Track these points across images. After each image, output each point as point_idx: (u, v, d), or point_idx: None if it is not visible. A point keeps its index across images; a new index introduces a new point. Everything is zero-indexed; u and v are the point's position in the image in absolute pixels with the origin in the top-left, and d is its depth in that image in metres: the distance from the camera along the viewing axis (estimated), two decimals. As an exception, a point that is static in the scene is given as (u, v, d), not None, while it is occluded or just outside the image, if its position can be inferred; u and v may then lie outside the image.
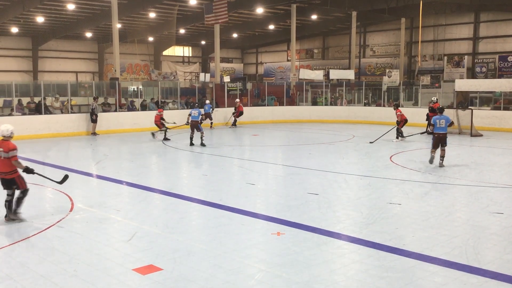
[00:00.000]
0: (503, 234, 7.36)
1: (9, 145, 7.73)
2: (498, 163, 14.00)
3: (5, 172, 7.77)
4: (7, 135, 7.84)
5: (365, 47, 44.72)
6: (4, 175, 7.80)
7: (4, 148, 7.70)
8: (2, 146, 7.73)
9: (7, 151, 7.68)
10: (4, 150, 7.70)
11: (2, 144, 7.76)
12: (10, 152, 7.69)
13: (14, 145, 7.78)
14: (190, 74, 46.98)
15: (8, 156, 7.69)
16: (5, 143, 7.76)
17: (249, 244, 6.92)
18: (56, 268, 6.02)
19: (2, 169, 7.77)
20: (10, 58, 41.02)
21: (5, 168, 7.75)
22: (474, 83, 26.70)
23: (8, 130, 7.87)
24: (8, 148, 7.70)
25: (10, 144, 7.76)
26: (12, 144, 7.77)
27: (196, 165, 14.51)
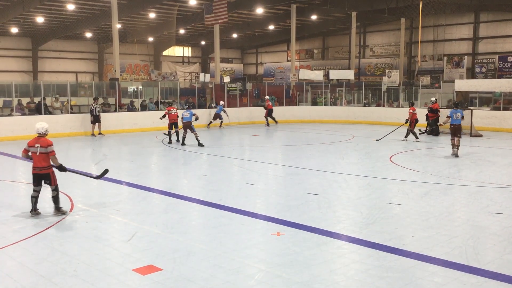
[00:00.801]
0: (503, 234, 7.36)
1: (47, 141, 8.14)
2: (498, 163, 14.00)
3: (41, 167, 8.14)
4: (42, 133, 8.21)
5: (365, 47, 44.75)
6: (40, 170, 8.14)
7: (42, 143, 8.09)
8: (39, 142, 8.11)
9: (45, 146, 8.08)
10: (42, 145, 8.07)
11: (38, 140, 8.14)
12: (49, 147, 8.10)
13: (51, 141, 8.20)
14: (190, 74, 46.99)
15: (46, 151, 8.08)
16: (42, 139, 8.15)
17: (249, 244, 6.92)
18: (56, 268, 6.02)
19: (38, 164, 8.12)
20: (10, 58, 41.05)
21: (42, 163, 8.12)
22: (474, 83, 26.71)
23: (43, 128, 8.25)
24: (47, 143, 8.11)
25: (48, 140, 8.18)
26: (49, 140, 8.20)
27: (196, 165, 14.51)
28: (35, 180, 8.25)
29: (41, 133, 8.23)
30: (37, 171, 8.18)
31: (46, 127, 8.34)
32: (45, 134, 8.26)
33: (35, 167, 8.19)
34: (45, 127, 8.30)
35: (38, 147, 8.09)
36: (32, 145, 8.14)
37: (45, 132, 8.26)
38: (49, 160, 8.19)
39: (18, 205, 9.31)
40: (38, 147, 8.09)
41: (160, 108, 24.71)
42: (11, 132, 19.50)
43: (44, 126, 8.31)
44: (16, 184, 11.37)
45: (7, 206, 9.10)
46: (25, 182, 11.49)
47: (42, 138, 8.19)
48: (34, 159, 8.16)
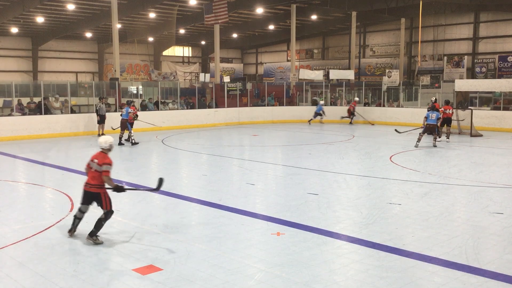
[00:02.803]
0: (503, 234, 7.36)
1: (105, 159, 7.13)
2: (498, 163, 14.00)
3: (93, 184, 7.12)
4: (105, 148, 7.25)
5: (365, 47, 44.76)
6: (90, 187, 7.14)
7: (99, 160, 7.12)
8: (98, 158, 7.17)
9: (100, 164, 7.08)
10: (98, 162, 7.11)
11: (98, 155, 7.20)
12: (103, 166, 7.06)
13: (110, 160, 7.16)
14: (190, 74, 47.00)
15: (100, 170, 7.06)
16: (101, 155, 7.20)
17: (248, 244, 6.92)
18: (56, 268, 6.02)
19: (91, 181, 7.13)
20: (10, 58, 41.04)
21: (93, 180, 7.12)
22: (474, 83, 26.69)
23: (106, 142, 7.26)
24: (103, 161, 7.09)
25: (107, 158, 7.16)
26: (108, 158, 7.17)
27: (196, 165, 14.50)
28: (84, 198, 7.24)
29: (104, 148, 7.24)
30: (87, 188, 7.17)
31: (110, 141, 7.32)
32: (108, 149, 7.26)
33: (86, 183, 7.21)
34: (109, 142, 7.29)
35: (94, 163, 7.14)
36: (92, 159, 7.24)
37: (108, 147, 7.25)
38: (101, 180, 7.11)
39: (18, 205, 9.32)
40: (94, 163, 7.14)
41: (160, 108, 24.72)
42: (11, 132, 19.51)
43: (108, 140, 7.29)
44: (16, 184, 11.37)
45: (7, 206, 9.10)
46: (25, 182, 11.51)
47: (102, 154, 7.20)
48: (88, 174, 7.23)
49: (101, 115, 20.65)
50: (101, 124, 20.72)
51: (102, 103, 20.69)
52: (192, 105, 26.91)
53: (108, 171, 7.05)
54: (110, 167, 7.09)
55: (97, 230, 7.04)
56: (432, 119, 17.30)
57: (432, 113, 17.48)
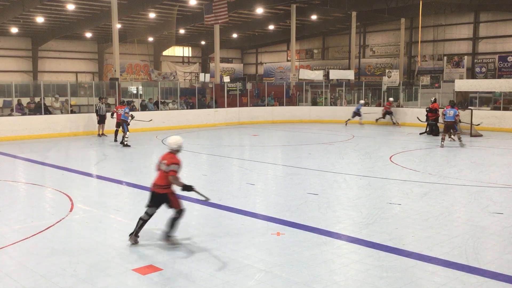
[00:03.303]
0: (502, 234, 7.36)
1: (173, 159, 6.92)
2: (498, 163, 14.00)
3: (160, 185, 6.92)
4: (174, 148, 7.03)
5: (365, 47, 44.76)
6: (157, 188, 6.93)
7: (168, 160, 6.91)
8: (166, 158, 6.96)
9: (168, 164, 6.87)
10: (167, 163, 6.89)
11: (167, 156, 7.00)
12: (171, 166, 6.84)
13: (178, 160, 6.96)
14: (190, 74, 46.99)
15: (167, 170, 6.86)
16: (170, 155, 6.99)
17: (248, 244, 6.92)
18: (56, 268, 6.02)
19: (158, 182, 6.95)
20: (10, 58, 41.03)
21: (160, 181, 6.92)
22: (474, 83, 26.68)
23: (175, 143, 7.05)
24: (171, 161, 6.88)
25: (175, 158, 6.95)
26: (176, 158, 6.96)
27: (196, 165, 14.50)
28: (151, 199, 7.00)
29: (173, 149, 7.02)
30: (154, 188, 6.96)
31: (180, 142, 7.09)
32: (177, 150, 7.04)
33: (153, 184, 7.01)
34: (178, 143, 7.06)
35: (163, 164, 6.93)
36: (160, 161, 7.04)
37: (177, 148, 7.03)
38: (167, 180, 6.89)
39: (18, 205, 9.32)
40: (163, 164, 6.93)
41: (160, 108, 24.73)
42: (11, 132, 19.51)
43: (177, 141, 7.06)
44: (16, 184, 11.37)
45: (7, 206, 9.10)
46: (25, 182, 11.51)
47: (170, 155, 6.99)
48: (158, 174, 7.03)
49: (101, 115, 20.64)
50: (101, 124, 20.73)
51: (102, 103, 20.67)
52: (192, 105, 26.91)
53: (175, 171, 6.86)
54: (178, 167, 6.92)
55: (172, 230, 6.92)
56: (449, 116, 17.13)
57: (449, 110, 17.30)
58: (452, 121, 17.17)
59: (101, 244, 6.91)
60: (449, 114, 17.18)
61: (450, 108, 17.48)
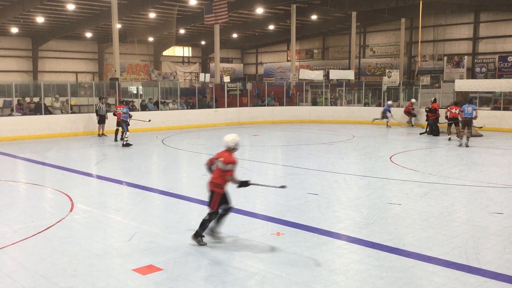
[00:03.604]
0: (502, 234, 7.36)
1: (230, 158, 6.87)
2: (498, 163, 14.00)
3: (216, 183, 6.93)
4: (231, 147, 6.97)
5: (365, 47, 44.76)
6: (213, 186, 6.97)
7: (225, 159, 6.86)
8: (223, 156, 6.91)
9: (226, 163, 6.83)
10: (223, 161, 6.86)
11: (223, 154, 6.95)
12: (228, 165, 6.82)
13: (234, 159, 6.91)
14: (190, 74, 47.00)
15: (224, 169, 6.84)
16: (226, 154, 6.93)
17: (248, 244, 6.92)
18: (56, 268, 6.02)
19: (215, 180, 6.96)
20: (10, 58, 41.04)
21: (218, 180, 6.91)
22: (474, 83, 26.67)
23: (233, 141, 6.98)
24: (229, 161, 6.84)
25: (231, 157, 6.90)
26: (232, 157, 6.90)
27: (196, 165, 14.49)
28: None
29: (230, 147, 6.96)
30: (211, 186, 7.00)
31: (237, 140, 7.02)
32: (234, 148, 6.98)
33: (209, 181, 7.03)
34: (235, 140, 7.00)
35: (220, 161, 6.89)
36: (217, 158, 6.99)
37: (234, 147, 6.97)
38: (224, 179, 6.88)
39: (18, 205, 9.32)
40: (220, 161, 6.89)
41: (160, 108, 24.72)
42: (11, 132, 19.51)
43: (234, 139, 7.00)
44: (16, 184, 11.37)
45: (7, 206, 9.10)
46: (25, 182, 11.51)
47: (227, 153, 6.93)
48: (213, 172, 7.02)
49: (100, 115, 20.64)
50: (101, 124, 20.73)
51: (101, 103, 20.67)
52: (192, 105, 26.90)
53: (231, 171, 6.85)
54: (234, 166, 6.89)
55: (202, 230, 6.92)
56: (468, 112, 17.12)
57: (467, 106, 17.31)
58: (470, 117, 17.11)
59: (101, 244, 6.91)
60: (467, 111, 17.13)
61: (468, 104, 17.50)
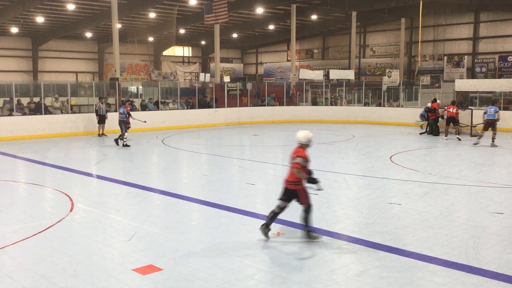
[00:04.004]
0: (503, 234, 7.36)
1: (299, 153, 6.91)
2: (498, 163, 14.00)
3: (290, 181, 6.99)
4: (304, 143, 6.99)
5: (365, 47, 44.77)
6: (288, 184, 7.02)
7: (295, 154, 6.97)
8: (295, 152, 6.98)
9: (295, 156, 6.93)
10: (293, 156, 6.98)
11: (295, 151, 7.01)
12: (297, 159, 6.87)
13: (305, 154, 6.91)
14: (190, 74, 47.01)
15: (293, 163, 6.93)
16: (298, 149, 6.97)
17: (249, 244, 6.92)
18: (56, 268, 6.02)
19: (289, 178, 7.02)
20: (10, 58, 41.05)
21: (292, 177, 6.97)
22: (474, 83, 26.67)
23: (305, 137, 6.99)
24: (297, 155, 6.91)
25: (302, 152, 6.93)
26: (303, 152, 6.92)
27: (196, 165, 14.50)
28: (283, 193, 7.13)
29: (303, 143, 6.98)
30: (286, 184, 7.06)
31: (309, 136, 7.02)
32: (306, 144, 6.98)
33: (285, 179, 7.11)
34: (308, 137, 6.99)
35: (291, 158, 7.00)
36: (292, 156, 7.05)
37: (306, 142, 6.97)
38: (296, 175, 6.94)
39: (18, 205, 9.32)
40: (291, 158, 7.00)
41: (160, 108, 24.72)
42: (11, 132, 19.51)
43: (307, 135, 7.00)
44: (16, 184, 11.37)
45: (7, 206, 9.10)
46: (25, 182, 11.51)
47: (298, 149, 6.98)
48: (289, 170, 7.10)
49: (100, 115, 20.65)
50: (101, 124, 20.75)
51: (101, 103, 20.69)
52: (192, 105, 26.90)
53: (299, 163, 6.83)
54: (303, 160, 6.87)
55: (308, 226, 7.03)
56: (490, 114, 17.03)
57: (490, 108, 17.26)
58: (493, 118, 17.05)
59: (101, 244, 6.90)
60: (489, 112, 17.11)
61: (491, 106, 17.52)
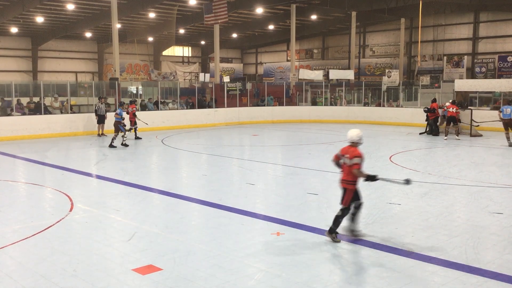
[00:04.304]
0: (502, 234, 7.36)
1: (355, 152, 6.96)
2: (498, 163, 14.00)
3: (347, 180, 7.04)
4: (356, 141, 7.07)
5: (365, 47, 44.77)
6: (345, 183, 7.07)
7: (350, 154, 6.98)
8: (348, 152, 7.04)
9: (351, 157, 6.94)
10: (349, 156, 6.97)
11: (348, 150, 7.07)
12: (354, 159, 6.89)
13: (360, 153, 6.98)
14: (189, 74, 47.00)
15: (350, 164, 6.94)
16: (351, 149, 7.05)
17: (248, 244, 6.92)
18: (56, 268, 6.02)
19: (345, 177, 7.07)
20: (10, 58, 41.02)
21: (348, 176, 7.02)
22: (474, 83, 26.67)
23: (358, 136, 7.09)
24: (354, 155, 6.93)
25: (356, 151, 6.98)
26: (358, 151, 6.99)
27: (196, 165, 14.50)
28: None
29: (355, 141, 7.06)
30: (343, 184, 7.11)
31: (361, 134, 7.16)
32: (358, 143, 7.08)
33: (341, 179, 7.16)
34: (360, 135, 7.12)
35: (346, 158, 7.02)
36: (343, 154, 7.12)
37: (358, 141, 7.08)
38: (353, 175, 6.96)
39: (18, 205, 9.32)
40: (346, 158, 7.02)
41: (159, 108, 24.72)
42: (11, 132, 19.51)
43: (359, 133, 7.12)
44: (16, 184, 11.36)
45: (7, 206, 9.10)
46: (25, 182, 11.50)
47: (352, 148, 7.05)
48: (343, 169, 7.12)
49: (100, 115, 20.66)
50: (100, 124, 20.75)
51: (101, 103, 20.69)
52: (192, 105, 26.89)
53: (358, 164, 6.90)
54: (360, 160, 6.94)
55: (336, 227, 7.03)
56: (507, 113, 17.16)
57: (506, 107, 17.40)
58: (510, 118, 17.10)
59: (101, 244, 6.90)
60: (506, 112, 17.18)
61: (507, 105, 17.54)
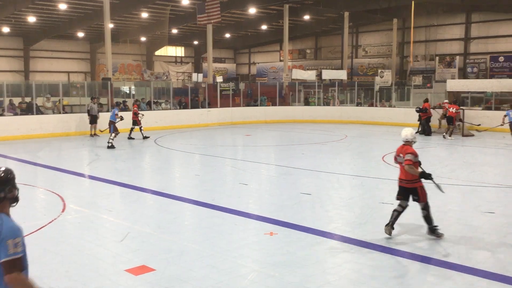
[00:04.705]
0: (494, 233, 7.40)
1: (408, 150, 7.03)
2: (490, 163, 14.08)
3: (407, 180, 7.08)
4: (410, 139, 7.14)
5: (357, 48, 44.86)
6: (406, 183, 7.12)
7: (403, 153, 7.07)
8: (402, 151, 7.12)
9: (404, 154, 7.02)
10: (403, 154, 7.07)
11: (402, 148, 7.15)
12: (407, 156, 6.96)
13: (413, 150, 7.04)
14: (182, 74, 46.90)
15: (403, 160, 7.02)
16: (405, 147, 7.12)
17: (242, 244, 6.91)
18: (48, 268, 5.98)
19: (401, 176, 7.16)
20: (1, 58, 40.73)
21: (406, 176, 7.07)
22: (466, 83, 26.80)
23: (412, 134, 7.19)
24: (406, 152, 7.01)
25: (410, 149, 7.04)
26: (411, 148, 7.05)
27: (189, 165, 14.48)
28: (400, 192, 7.28)
29: (409, 140, 7.13)
30: (402, 183, 7.19)
31: (414, 133, 7.27)
32: (412, 141, 7.15)
33: (399, 179, 7.23)
34: (414, 134, 7.23)
35: (401, 157, 7.09)
36: (398, 154, 7.22)
37: (412, 139, 7.15)
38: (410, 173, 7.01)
39: (10, 206, 9.25)
40: (401, 157, 7.09)
41: (152, 108, 24.65)
42: (3, 132, 19.38)
43: (412, 132, 7.24)
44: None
45: None
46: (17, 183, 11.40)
47: (405, 147, 7.11)
48: (400, 169, 7.21)
49: (92, 115, 20.59)
50: (93, 124, 20.68)
51: (93, 103, 20.62)
52: (185, 105, 26.84)
53: (410, 160, 6.92)
54: (413, 156, 6.96)
55: (431, 223, 7.14)
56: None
57: (511, 111, 17.78)
58: None
59: (93, 245, 6.88)
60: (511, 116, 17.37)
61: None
